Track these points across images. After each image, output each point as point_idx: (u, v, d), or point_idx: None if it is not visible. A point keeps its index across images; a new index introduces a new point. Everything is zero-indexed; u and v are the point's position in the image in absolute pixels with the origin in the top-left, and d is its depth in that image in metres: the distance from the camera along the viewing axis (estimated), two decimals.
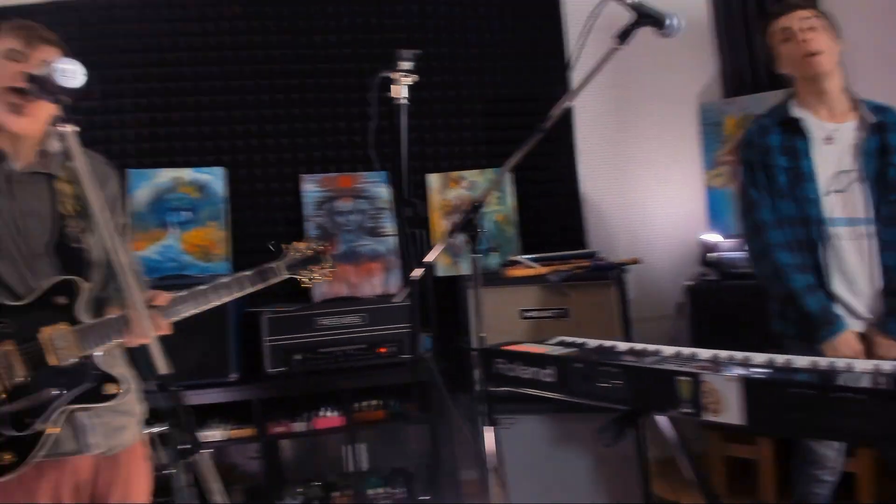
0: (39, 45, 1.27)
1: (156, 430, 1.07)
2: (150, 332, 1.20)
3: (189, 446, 1.01)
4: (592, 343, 1.59)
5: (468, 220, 1.64)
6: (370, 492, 2.62)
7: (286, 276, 1.47)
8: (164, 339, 1.26)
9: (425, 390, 2.60)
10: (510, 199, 2.90)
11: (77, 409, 1.22)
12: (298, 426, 2.50)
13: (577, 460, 2.35)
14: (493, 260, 2.81)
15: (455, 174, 2.91)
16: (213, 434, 2.46)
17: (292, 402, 2.52)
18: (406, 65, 1.60)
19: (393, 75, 1.61)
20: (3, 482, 1.14)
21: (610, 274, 2.43)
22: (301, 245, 1.51)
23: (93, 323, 1.25)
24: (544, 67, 3.01)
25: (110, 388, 1.24)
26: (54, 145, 1.34)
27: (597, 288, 2.43)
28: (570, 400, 1.39)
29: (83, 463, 1.27)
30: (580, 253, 2.65)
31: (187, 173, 2.77)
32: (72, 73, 1.12)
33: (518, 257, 2.63)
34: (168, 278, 2.56)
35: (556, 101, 1.48)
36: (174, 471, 1.08)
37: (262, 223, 2.85)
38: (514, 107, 2.99)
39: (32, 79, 1.15)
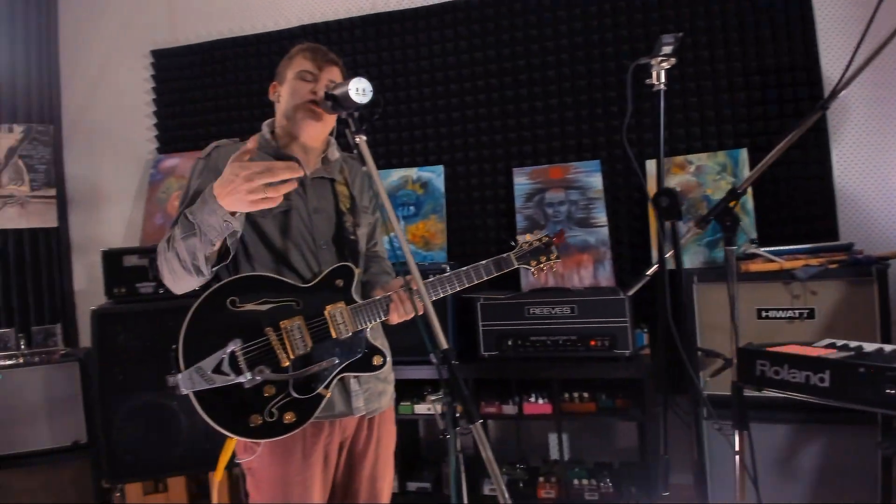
0: (326, 66, 1.47)
1: (433, 398, 1.19)
2: (409, 312, 1.38)
3: (464, 415, 1.13)
4: (869, 346, 1.42)
5: (725, 209, 1.55)
6: (575, 482, 2.59)
7: (516, 266, 1.54)
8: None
9: (638, 387, 2.50)
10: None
11: (348, 376, 1.43)
12: (508, 409, 2.59)
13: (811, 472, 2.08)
14: (720, 252, 2.55)
15: (679, 158, 2.70)
16: (430, 407, 2.66)
17: (504, 386, 2.61)
18: (667, 49, 1.53)
19: (653, 61, 1.56)
20: (285, 438, 1.34)
21: (871, 269, 2.05)
22: (531, 237, 1.58)
23: (364, 302, 1.42)
24: (787, 44, 2.63)
25: (377, 360, 1.43)
26: (334, 154, 1.58)
27: (853, 285, 2.08)
28: (847, 407, 1.28)
29: (348, 423, 1.48)
30: (834, 245, 2.28)
31: (413, 172, 3.05)
32: (364, 91, 1.27)
33: (758, 250, 2.34)
34: (395, 265, 2.86)
35: (792, 77, 1.29)
36: (449, 436, 1.19)
37: (475, 216, 3.01)
38: (750, 81, 2.67)
39: (331, 97, 1.33)
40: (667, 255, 1.64)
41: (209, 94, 3.34)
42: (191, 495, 2.76)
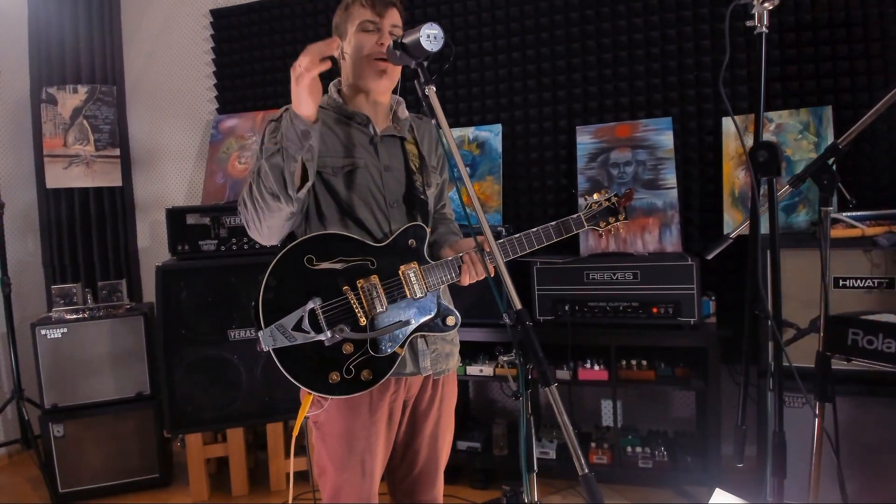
0: (386, 11, 1.40)
1: (505, 359, 1.16)
2: (481, 273, 1.34)
3: (540, 378, 1.09)
4: None
5: (823, 166, 1.43)
6: (628, 449, 2.54)
7: (586, 227, 1.48)
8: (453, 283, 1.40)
9: (701, 356, 2.40)
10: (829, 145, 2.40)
11: (417, 336, 1.40)
12: (562, 374, 2.53)
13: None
14: (800, 217, 2.39)
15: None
16: (482, 369, 2.65)
17: (559, 351, 2.54)
18: None
19: (755, 1, 1.42)
20: (356, 397, 1.34)
21: None
22: (599, 196, 1.50)
23: (436, 263, 1.39)
24: None
25: (450, 320, 1.40)
26: (404, 112, 1.53)
27: None
28: None
29: (414, 382, 1.46)
30: None
31: (471, 132, 2.97)
32: (435, 38, 1.20)
33: (838, 215, 2.18)
34: (462, 227, 2.81)
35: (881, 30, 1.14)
36: (521, 398, 1.15)
37: (533, 177, 2.92)
38: (836, 34, 2.45)
39: (401, 45, 1.26)
40: (759, 216, 1.52)
41: (267, 53, 3.32)
42: (248, 446, 2.83)
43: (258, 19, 3.32)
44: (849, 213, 2.14)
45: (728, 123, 2.53)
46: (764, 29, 1.41)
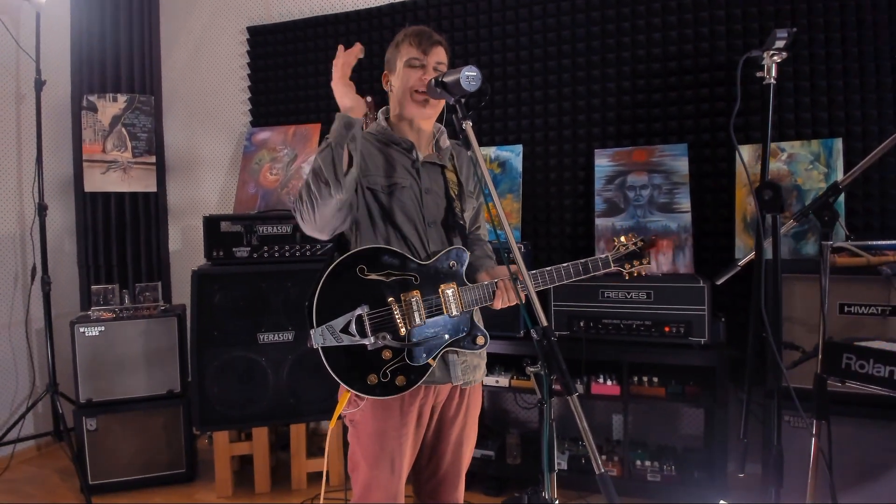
0: (431, 49, 1.55)
1: (532, 370, 1.27)
2: (513, 300, 1.47)
3: (560, 387, 1.20)
4: None
5: (824, 204, 1.54)
6: (637, 462, 2.63)
7: (613, 269, 1.59)
8: None
9: (710, 375, 2.49)
10: (838, 176, 2.49)
11: (452, 350, 1.53)
12: (577, 402, 2.61)
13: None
14: (809, 245, 2.48)
15: (772, 146, 2.58)
16: (498, 380, 2.76)
17: (573, 365, 2.64)
18: (780, 43, 1.51)
19: (764, 54, 1.54)
20: (390, 400, 1.48)
21: None
22: (626, 240, 1.61)
23: (473, 286, 1.52)
24: (890, 30, 2.50)
25: (480, 340, 1.54)
26: (445, 142, 1.67)
27: None
28: None
29: (443, 389, 1.58)
30: None
31: (493, 151, 3.10)
32: (474, 80, 1.32)
33: (844, 243, 2.28)
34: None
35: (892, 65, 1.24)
36: (545, 405, 1.26)
37: (551, 196, 3.03)
38: (848, 68, 2.55)
39: (441, 84, 1.39)
40: (764, 247, 1.63)
41: (300, 70, 3.48)
42: (272, 445, 2.95)
43: (293, 38, 3.48)
44: (855, 242, 2.24)
45: (743, 151, 2.63)
46: (772, 80, 1.52)
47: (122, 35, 3.65)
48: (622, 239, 1.61)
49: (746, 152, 2.64)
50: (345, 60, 1.50)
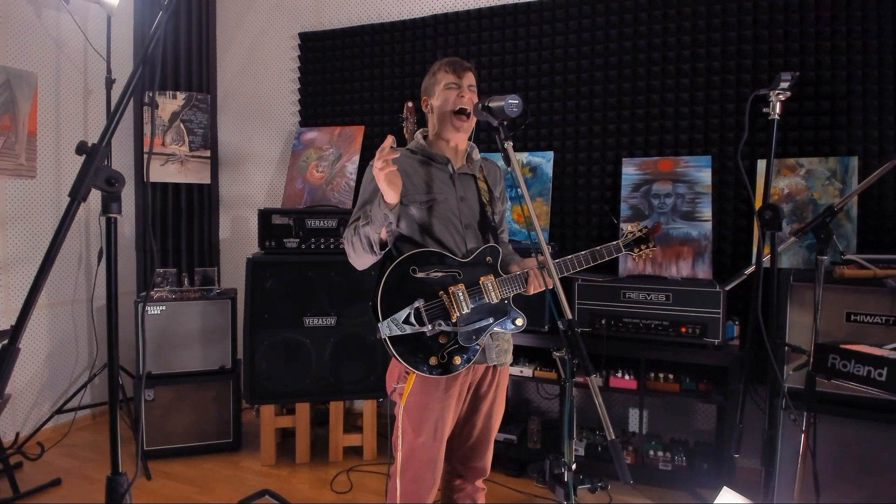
0: (464, 74, 1.79)
1: (558, 354, 1.47)
2: (542, 286, 1.68)
3: (582, 369, 1.41)
4: None
5: (821, 223, 1.72)
6: (650, 452, 2.82)
7: (623, 252, 1.81)
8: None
9: (722, 374, 2.66)
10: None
11: (494, 332, 1.76)
12: (595, 380, 2.81)
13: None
14: (822, 256, 2.63)
15: (791, 161, 2.78)
16: (522, 370, 2.97)
17: (593, 360, 2.81)
18: (784, 84, 1.70)
19: (771, 93, 1.73)
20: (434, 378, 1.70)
21: None
22: (633, 227, 1.83)
23: (508, 276, 1.74)
24: None
25: (519, 321, 1.76)
26: (476, 155, 1.91)
27: None
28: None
29: (479, 369, 1.82)
30: None
31: (525, 156, 3.30)
32: (516, 107, 1.53)
33: (854, 256, 2.43)
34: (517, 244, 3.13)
35: None
36: (567, 384, 1.47)
37: (579, 201, 3.22)
38: (868, 90, 2.69)
39: (487, 108, 1.59)
40: (764, 258, 1.81)
41: (347, 75, 3.72)
42: (312, 420, 3.21)
43: (340, 44, 3.72)
44: (865, 255, 2.39)
45: (761, 166, 2.80)
46: (776, 116, 1.70)
47: (182, 37, 3.93)
48: (629, 227, 1.83)
49: (765, 165, 2.79)
50: (384, 157, 1.54)
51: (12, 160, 3.27)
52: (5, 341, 0.97)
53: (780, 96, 1.70)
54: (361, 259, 1.74)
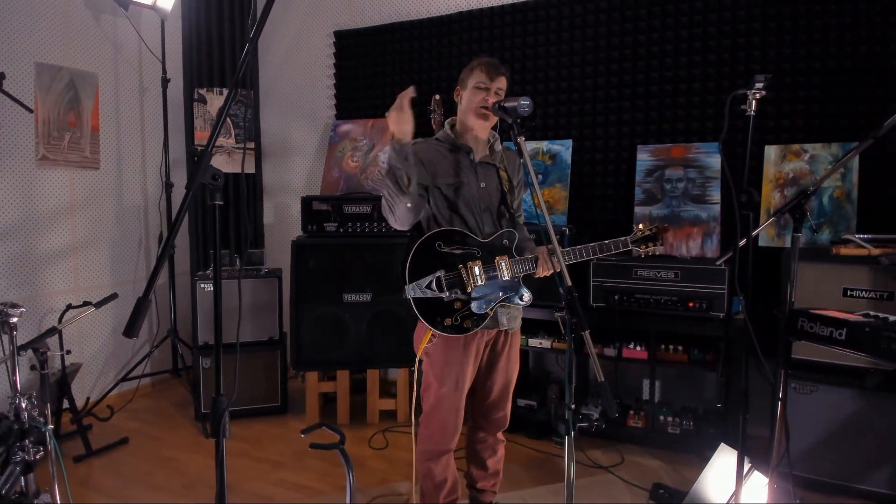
0: (497, 77, 1.99)
1: (559, 314, 1.66)
2: (550, 269, 1.95)
3: (579, 327, 1.63)
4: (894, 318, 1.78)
5: (796, 205, 1.91)
6: (661, 418, 3.05)
7: (630, 248, 2.05)
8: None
9: (727, 346, 2.87)
10: (854, 175, 2.80)
11: (501, 305, 2.02)
12: (609, 351, 3.08)
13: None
14: (824, 236, 2.81)
15: (796, 146, 2.94)
16: (541, 342, 3.23)
17: (607, 332, 3.09)
18: (759, 85, 1.90)
19: (748, 92, 1.93)
20: (455, 337, 1.96)
21: None
22: (643, 226, 2.07)
23: (520, 258, 2.00)
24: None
25: (525, 298, 2.03)
26: (498, 146, 2.14)
27: None
28: (855, 354, 1.71)
29: (492, 332, 2.10)
30: None
31: (545, 145, 3.52)
32: (527, 107, 1.72)
33: (851, 236, 2.61)
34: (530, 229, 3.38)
35: None
36: (568, 338, 1.66)
37: (596, 186, 3.44)
38: (861, 78, 2.84)
39: (502, 107, 1.80)
40: (753, 233, 2.01)
41: (379, 71, 3.99)
42: (350, 388, 3.53)
43: (373, 42, 3.99)
44: (861, 235, 2.57)
45: (769, 151, 2.97)
46: (752, 112, 1.90)
47: (226, 37, 4.25)
48: (640, 226, 2.07)
49: (774, 152, 2.97)
50: (406, 99, 1.83)
51: (78, 153, 3.65)
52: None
53: (757, 95, 1.90)
54: (398, 208, 1.86)
